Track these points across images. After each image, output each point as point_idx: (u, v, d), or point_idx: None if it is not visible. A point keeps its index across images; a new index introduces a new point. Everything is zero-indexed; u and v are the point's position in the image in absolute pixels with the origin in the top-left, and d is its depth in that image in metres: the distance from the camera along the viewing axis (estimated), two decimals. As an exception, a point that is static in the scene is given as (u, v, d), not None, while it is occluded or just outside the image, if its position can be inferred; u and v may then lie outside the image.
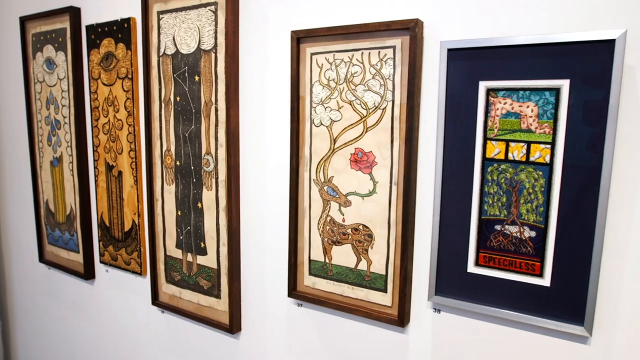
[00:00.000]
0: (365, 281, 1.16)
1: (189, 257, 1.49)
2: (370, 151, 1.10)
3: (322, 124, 1.16)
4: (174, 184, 1.48)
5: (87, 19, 1.67)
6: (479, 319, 1.03)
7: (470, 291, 1.02)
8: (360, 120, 1.11)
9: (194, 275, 1.48)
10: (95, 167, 1.72)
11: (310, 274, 1.25)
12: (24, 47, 1.87)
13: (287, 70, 1.22)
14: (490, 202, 0.97)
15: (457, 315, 1.06)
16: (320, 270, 1.22)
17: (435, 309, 1.09)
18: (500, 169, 0.95)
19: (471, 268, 1.01)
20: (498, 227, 0.97)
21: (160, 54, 1.44)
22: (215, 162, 1.36)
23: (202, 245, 1.44)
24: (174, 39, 1.40)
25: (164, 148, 1.49)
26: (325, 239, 1.20)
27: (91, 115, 1.70)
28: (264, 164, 1.31)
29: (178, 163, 1.46)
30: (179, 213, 1.48)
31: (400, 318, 1.11)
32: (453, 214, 1.01)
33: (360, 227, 1.14)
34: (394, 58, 1.04)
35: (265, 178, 1.31)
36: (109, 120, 1.64)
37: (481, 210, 0.98)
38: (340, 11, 1.12)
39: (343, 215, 1.17)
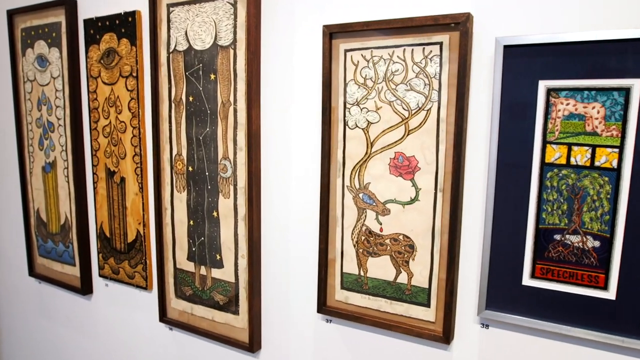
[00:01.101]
0: (406, 295, 1.08)
1: (203, 270, 1.38)
2: (413, 155, 1.03)
3: (357, 126, 1.09)
4: (186, 191, 1.37)
5: (84, 13, 1.55)
6: (533, 335, 0.97)
7: (525, 305, 0.96)
8: (401, 122, 1.03)
9: (208, 290, 1.38)
10: (94, 173, 1.60)
11: (342, 287, 1.16)
12: (11, 43, 1.73)
13: (317, 68, 1.14)
14: (549, 210, 0.91)
15: (508, 330, 1.00)
16: (354, 283, 1.14)
17: (483, 324, 1.02)
18: (561, 174, 0.89)
19: (526, 280, 0.95)
20: (557, 237, 0.91)
21: (171, 50, 1.34)
22: (233, 168, 1.27)
23: (218, 257, 1.34)
24: (186, 34, 1.30)
25: (175, 152, 1.38)
26: (360, 250, 1.12)
27: (89, 116, 1.57)
28: (289, 169, 1.22)
29: (190, 168, 1.35)
30: (191, 223, 1.38)
31: (446, 334, 1.04)
32: (507, 223, 0.95)
33: (401, 237, 1.07)
34: (441, 55, 0.97)
35: (289, 185, 1.23)
36: (110, 122, 1.52)
37: (539, 219, 0.92)
38: (377, 4, 1.05)
39: (381, 224, 1.09)
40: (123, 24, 1.44)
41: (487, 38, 0.93)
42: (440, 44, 0.97)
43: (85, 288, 1.70)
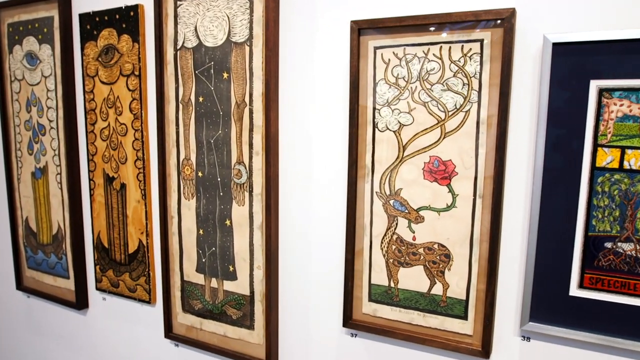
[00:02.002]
0: (441, 307, 1.02)
1: (214, 283, 1.30)
2: (449, 160, 0.97)
3: (388, 128, 1.02)
4: (195, 198, 1.29)
5: (79, 7, 1.44)
6: (579, 347, 0.93)
7: (571, 316, 0.91)
8: (437, 124, 0.97)
9: (220, 304, 1.30)
10: (90, 179, 1.49)
11: (370, 300, 1.10)
12: (-4, 38, 1.61)
13: (343, 66, 1.07)
14: (600, 216, 0.86)
15: (552, 343, 0.95)
16: (384, 295, 1.08)
17: (524, 337, 0.98)
18: (613, 179, 0.85)
19: (574, 291, 0.90)
20: (609, 245, 0.87)
21: (178, 47, 1.25)
22: (248, 173, 1.19)
23: (231, 268, 1.26)
24: (195, 29, 1.22)
25: (182, 157, 1.29)
26: (391, 260, 1.06)
27: (85, 118, 1.47)
28: (310, 175, 1.15)
29: (200, 174, 1.27)
30: (201, 232, 1.29)
31: (485, 348, 0.98)
32: (553, 230, 0.90)
33: (435, 246, 1.01)
34: (481, 53, 0.92)
35: (311, 191, 1.15)
36: (109, 124, 1.42)
37: (588, 226, 0.88)
38: (410, -1, 0.99)
39: (413, 232, 1.03)
40: (124, 19, 1.34)
41: (532, 35, 0.88)
42: (481, 41, 0.91)
43: (80, 302, 1.59)
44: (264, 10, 1.11)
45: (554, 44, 0.85)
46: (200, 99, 1.24)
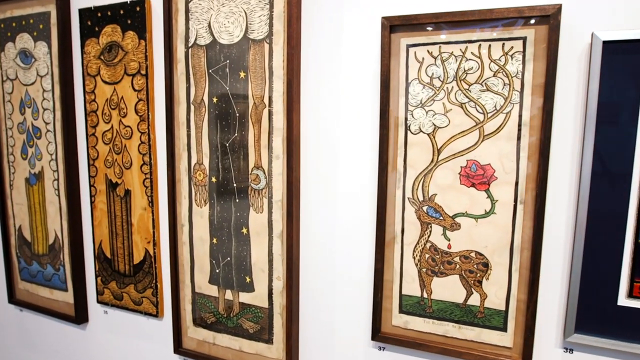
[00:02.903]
0: (478, 319, 0.98)
1: (229, 295, 1.23)
2: (488, 164, 0.93)
3: (421, 130, 0.98)
4: (208, 205, 1.22)
5: (79, 2, 1.36)
6: (626, 359, 0.89)
7: (619, 327, 0.88)
8: (475, 126, 0.93)
9: (235, 317, 1.23)
10: (91, 185, 1.41)
11: (401, 311, 1.05)
12: (-14, 35, 1.51)
13: (372, 65, 1.02)
14: (651, 223, 0.83)
15: (597, 355, 0.91)
16: (416, 307, 1.03)
17: (566, 349, 0.94)
18: (666, 183, 0.81)
19: (622, 300, 0.87)
20: (660, 253, 0.83)
21: (190, 45, 1.18)
22: (268, 178, 1.13)
23: (248, 279, 1.19)
24: (209, 25, 1.15)
25: (194, 161, 1.22)
26: (424, 270, 1.01)
27: (86, 120, 1.39)
28: (335, 180, 1.10)
29: (214, 179, 1.20)
30: (215, 241, 1.22)
31: (525, 362, 0.94)
32: (601, 237, 0.86)
33: (472, 254, 0.97)
34: (524, 52, 0.88)
35: (335, 197, 1.10)
36: (112, 126, 1.34)
37: (638, 233, 0.84)
38: (445, -6, 0.94)
39: (448, 240, 0.98)
40: (129, 15, 1.27)
41: (579, 32, 0.84)
42: (524, 39, 0.87)
43: (80, 316, 1.50)
44: (285, 5, 1.05)
45: (605, 42, 0.81)
46: (214, 100, 1.17)
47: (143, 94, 1.28)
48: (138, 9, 1.25)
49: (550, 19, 0.84)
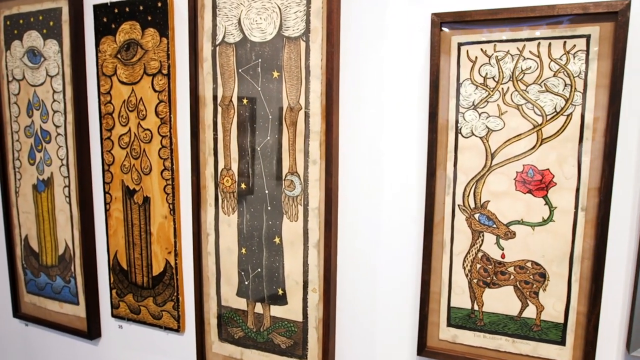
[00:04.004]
0: (533, 332, 0.94)
1: (258, 308, 1.18)
2: (547, 169, 0.89)
3: (473, 134, 0.94)
4: (236, 213, 1.17)
5: (93, -3, 1.30)
6: (695, 375, 0.86)
7: (689, 341, 0.85)
8: (532, 129, 0.89)
9: (266, 331, 1.18)
10: (106, 192, 1.35)
11: (449, 325, 1.01)
12: (-10, 32, 1.44)
13: (420, 65, 0.98)
14: None
15: (662, 370, 0.88)
16: (465, 320, 0.99)
17: (628, 363, 0.91)
18: None
19: (693, 313, 0.84)
20: None
21: (217, 43, 1.13)
22: (303, 185, 1.08)
23: (280, 292, 1.15)
24: (239, 22, 1.10)
25: (221, 166, 1.17)
26: (475, 281, 0.97)
27: (100, 123, 1.33)
28: (376, 186, 1.05)
29: (243, 186, 1.15)
30: (244, 251, 1.17)
31: (586, 378, 0.91)
32: (671, 246, 0.83)
33: (528, 264, 0.93)
34: (587, 50, 0.84)
35: (376, 204, 1.06)
36: (129, 130, 1.29)
37: None
38: (499, -11, 0.91)
39: (502, 250, 0.95)
40: (149, 11, 1.21)
41: (648, 30, 0.81)
42: (588, 37, 0.84)
43: (92, 331, 1.44)
44: (324, 0, 1.01)
45: (678, 40, 0.78)
46: (244, 101, 1.12)
47: (164, 95, 1.23)
48: (159, 4, 1.20)
49: (618, 16, 0.81)
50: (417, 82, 0.98)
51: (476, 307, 0.98)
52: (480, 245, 0.96)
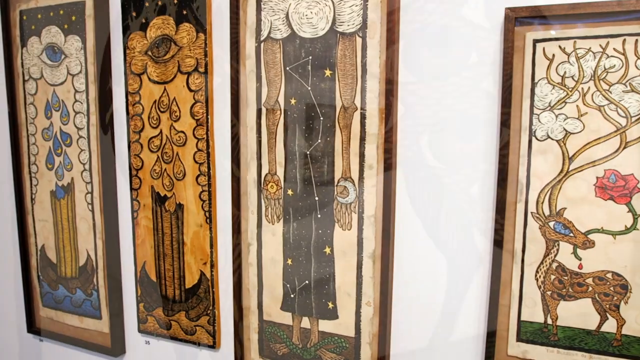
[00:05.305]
0: (613, 347, 0.91)
1: (305, 323, 1.14)
2: (631, 174, 0.86)
3: (549, 136, 0.90)
4: (282, 221, 1.12)
5: (120, -11, 1.25)
6: None
7: None
8: (615, 132, 0.86)
9: (313, 348, 1.14)
10: (133, 199, 1.29)
11: (519, 339, 0.97)
12: (5, 29, 1.37)
13: (490, 62, 0.94)
14: None
15: None
16: (537, 334, 0.96)
17: None
18: None
19: None
20: None
21: (262, 39, 1.08)
22: (358, 191, 1.04)
23: (330, 305, 1.10)
24: (287, 16, 1.05)
25: (265, 171, 1.12)
26: (549, 293, 0.94)
27: (128, 125, 1.27)
28: (437, 191, 1.01)
29: (290, 192, 1.10)
30: (290, 262, 1.13)
31: (671, 395, 0.88)
32: None
33: (609, 275, 0.90)
34: (678, 47, 0.81)
35: (438, 211, 1.02)
36: (160, 132, 1.23)
37: None
38: (578, -17, 0.87)
39: (580, 260, 0.91)
40: (184, 4, 1.16)
41: None
42: (679, 33, 0.81)
43: (116, 347, 1.38)
44: (384, -6, 0.96)
45: None
46: (292, 101, 1.07)
47: (201, 95, 1.17)
48: (196, -3, 1.15)
49: None
50: (486, 81, 0.94)
51: (550, 321, 0.95)
52: (555, 255, 0.93)
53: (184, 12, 1.16)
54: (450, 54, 0.97)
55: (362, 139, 1.02)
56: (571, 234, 0.91)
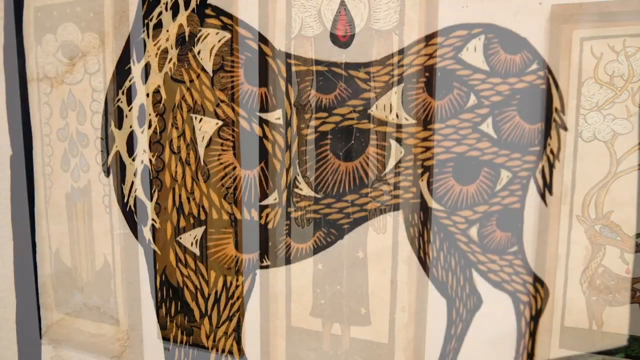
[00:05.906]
0: (661, 354, 0.89)
1: (336, 329, 1.11)
2: (682, 175, 0.85)
3: (596, 137, 0.88)
4: (312, 224, 1.10)
5: (141, -15, 1.22)
6: None
7: None
8: (666, 132, 0.84)
9: (344, 354, 1.11)
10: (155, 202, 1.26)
11: (562, 346, 0.96)
12: (18, 27, 1.34)
13: (533, 61, 0.92)
14: None
15: None
16: (582, 340, 0.94)
17: None
18: None
19: None
20: None
21: (292, 36, 1.06)
22: (393, 193, 1.02)
23: (363, 311, 1.08)
24: (319, 13, 1.03)
25: (295, 173, 1.10)
26: (594, 298, 0.92)
27: (149, 125, 1.24)
28: (475, 191, 0.99)
29: (321, 194, 1.08)
30: (320, 266, 1.10)
31: None
32: None
33: (657, 280, 0.88)
34: None
35: (475, 210, 1.00)
36: (183, 132, 1.20)
37: None
38: (627, -21, 0.85)
39: (627, 264, 0.90)
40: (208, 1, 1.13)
41: None
42: None
43: (135, 354, 1.35)
44: (423, -10, 0.94)
45: None
46: (324, 101, 1.05)
47: (226, 94, 1.15)
48: (222, -6, 1.12)
49: None
50: (530, 81, 0.92)
51: (595, 327, 0.93)
52: (601, 260, 0.91)
53: (209, 9, 1.13)
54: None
55: (397, 140, 1.00)
56: (618, 238, 0.90)
